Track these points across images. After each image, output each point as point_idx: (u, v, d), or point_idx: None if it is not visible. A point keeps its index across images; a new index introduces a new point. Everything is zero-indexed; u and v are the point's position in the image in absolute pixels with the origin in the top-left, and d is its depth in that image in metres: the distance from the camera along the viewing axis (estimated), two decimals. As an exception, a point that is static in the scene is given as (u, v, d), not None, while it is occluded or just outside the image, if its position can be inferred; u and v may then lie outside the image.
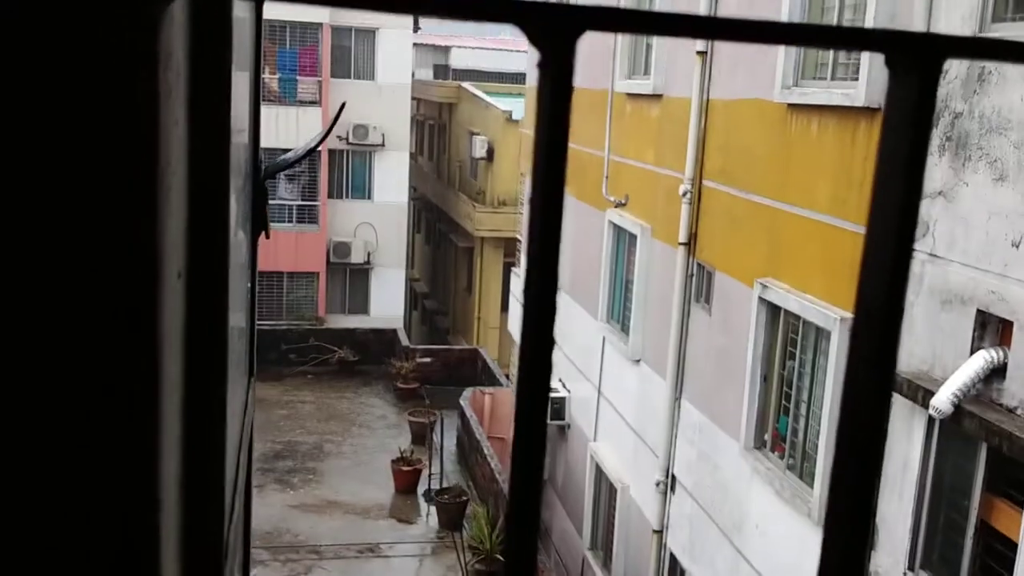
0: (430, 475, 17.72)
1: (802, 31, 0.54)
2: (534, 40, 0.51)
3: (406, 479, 17.93)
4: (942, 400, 6.14)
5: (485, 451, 17.14)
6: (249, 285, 1.72)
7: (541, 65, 0.52)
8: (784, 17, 8.70)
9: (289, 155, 2.75)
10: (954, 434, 6.47)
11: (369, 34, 26.36)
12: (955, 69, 6.57)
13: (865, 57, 7.51)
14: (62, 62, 0.45)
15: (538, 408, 0.53)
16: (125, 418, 0.52)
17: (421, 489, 17.91)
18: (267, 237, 1.83)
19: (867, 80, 7.47)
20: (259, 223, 1.70)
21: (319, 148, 25.15)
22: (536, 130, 0.53)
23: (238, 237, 1.46)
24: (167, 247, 0.56)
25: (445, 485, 17.46)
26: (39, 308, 0.49)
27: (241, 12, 1.38)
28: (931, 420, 6.55)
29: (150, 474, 0.55)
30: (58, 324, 0.50)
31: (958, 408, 6.11)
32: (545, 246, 0.51)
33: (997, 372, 6.07)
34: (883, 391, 0.57)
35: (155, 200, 0.50)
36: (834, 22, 8.23)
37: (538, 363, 0.51)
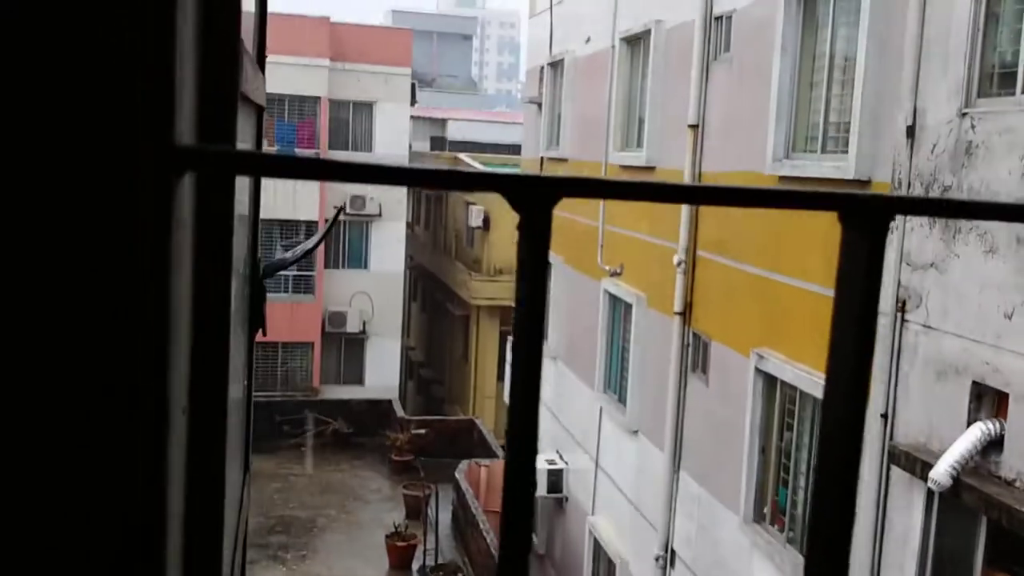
0: (425, 550, 17.47)
1: (761, 193, 0.58)
2: (515, 206, 0.56)
3: (401, 555, 17.67)
4: (940, 473, 6.12)
5: (481, 525, 16.93)
6: (246, 383, 1.75)
7: (520, 227, 0.57)
8: (773, 95, 8.88)
9: (287, 255, 2.81)
10: (953, 507, 6.43)
11: (367, 107, 26.78)
12: (943, 142, 6.70)
13: (855, 129, 7.66)
14: (78, 238, 0.49)
15: (525, 477, 0.56)
16: (128, 554, 0.55)
17: (416, 565, 17.64)
18: (264, 335, 1.87)
19: (857, 153, 7.60)
20: (256, 321, 1.74)
21: (315, 221, 25.34)
22: (516, 282, 0.57)
23: (236, 337, 1.50)
24: (173, 387, 0.60)
25: (440, 561, 17.20)
26: (51, 435, 0.52)
27: (243, 126, 1.44)
28: (930, 493, 6.52)
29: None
30: (69, 465, 0.54)
31: (957, 480, 6.09)
32: (525, 403, 0.55)
33: (994, 444, 6.07)
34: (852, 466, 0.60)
35: (167, 345, 0.54)
36: (822, 99, 8.41)
37: (525, 434, 0.54)
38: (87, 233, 0.50)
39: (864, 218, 0.57)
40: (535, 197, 0.55)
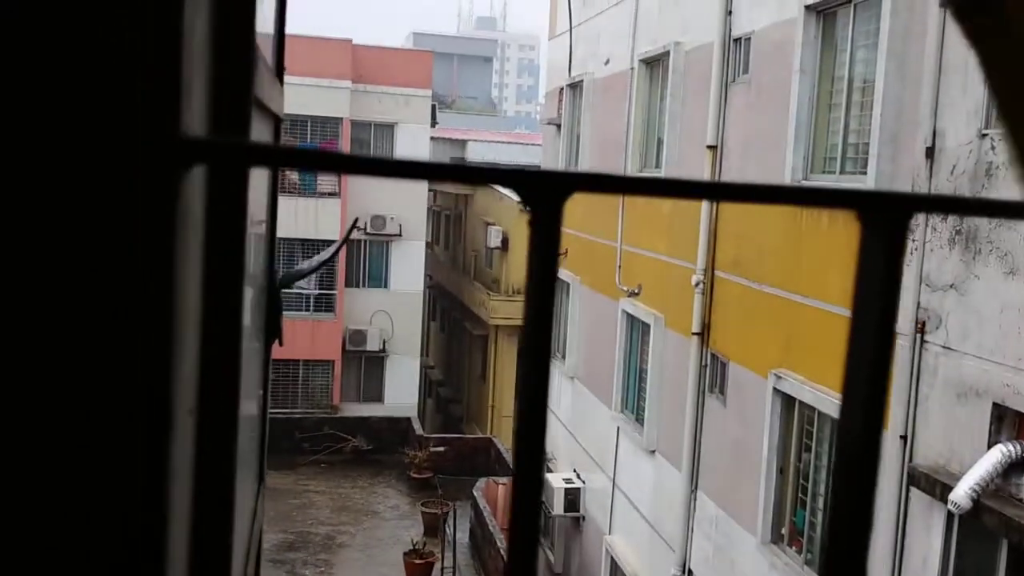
0: (443, 568, 17.40)
1: (778, 191, 0.57)
2: (526, 201, 0.55)
3: (418, 572, 17.60)
4: (960, 495, 6.05)
5: (498, 543, 16.85)
6: (261, 392, 1.75)
7: (531, 223, 0.56)
8: (792, 116, 8.86)
9: (304, 266, 2.82)
10: (974, 530, 6.34)
11: (388, 128, 26.93)
12: (962, 163, 6.66)
13: (874, 151, 7.63)
14: (83, 232, 0.49)
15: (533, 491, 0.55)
16: (128, 554, 0.54)
17: (433, 583, 17.57)
18: (280, 345, 1.87)
19: (876, 174, 7.57)
20: (273, 332, 1.74)
21: (335, 239, 25.45)
22: (527, 279, 0.56)
23: (252, 347, 1.50)
24: (179, 388, 0.59)
25: (458, 578, 17.13)
26: (53, 449, 0.52)
27: (260, 136, 1.44)
28: (950, 515, 6.44)
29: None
30: (72, 462, 0.53)
31: (977, 503, 6.01)
32: (533, 403, 0.54)
33: (1015, 466, 5.99)
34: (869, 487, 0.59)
35: (169, 346, 0.53)
36: (841, 120, 8.39)
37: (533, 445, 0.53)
38: (87, 227, 0.50)
39: (883, 216, 0.56)
40: (547, 192, 0.55)
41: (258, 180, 1.40)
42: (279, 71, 1.90)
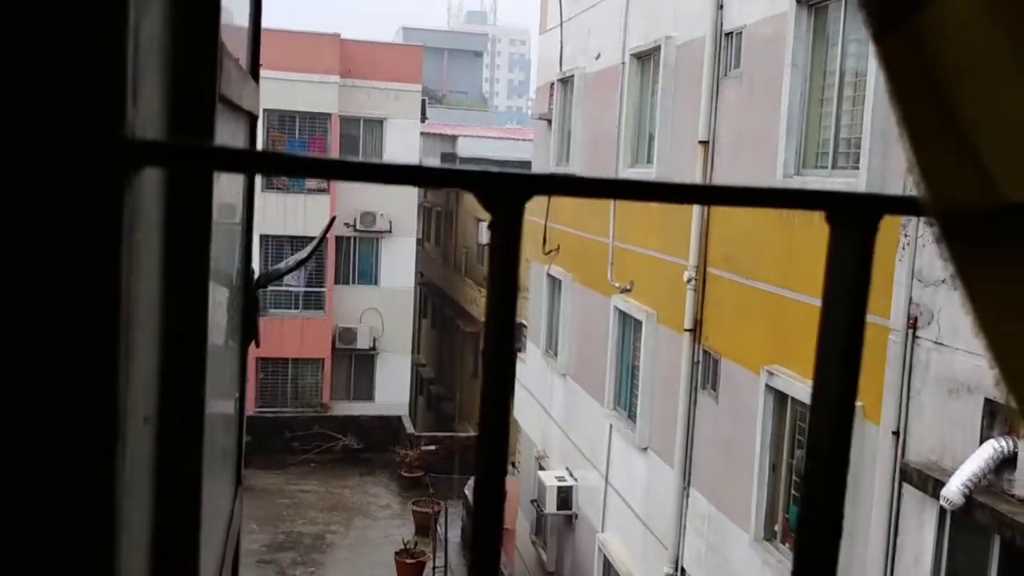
0: (434, 568, 17.39)
1: (747, 193, 0.56)
2: (485, 205, 0.54)
3: (410, 572, 17.59)
4: (953, 491, 6.05)
5: (491, 541, 16.81)
6: (238, 395, 1.73)
7: (491, 225, 0.55)
8: (783, 111, 8.86)
9: (280, 266, 2.80)
10: (966, 526, 6.35)
11: (377, 124, 26.87)
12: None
13: (865, 146, 7.62)
14: (17, 233, 0.47)
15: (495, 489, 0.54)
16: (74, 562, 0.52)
17: (426, 581, 17.56)
18: (257, 346, 1.85)
19: (868, 169, 7.57)
20: (249, 333, 1.72)
21: (324, 240, 25.40)
22: (488, 281, 0.55)
23: (228, 348, 1.48)
24: (131, 396, 0.57)
25: (450, 576, 17.13)
26: None
27: (232, 138, 1.42)
28: (942, 511, 6.44)
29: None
30: (8, 471, 0.51)
31: (969, 499, 6.02)
32: (498, 388, 0.52)
33: (1007, 462, 5.99)
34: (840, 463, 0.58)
35: (115, 354, 0.51)
36: (833, 115, 8.38)
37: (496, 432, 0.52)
38: (22, 229, 0.48)
39: (852, 217, 0.54)
40: (506, 195, 0.53)
41: (231, 179, 1.38)
42: (254, 68, 1.87)
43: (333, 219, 4.76)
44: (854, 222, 0.54)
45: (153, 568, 0.74)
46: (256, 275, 1.86)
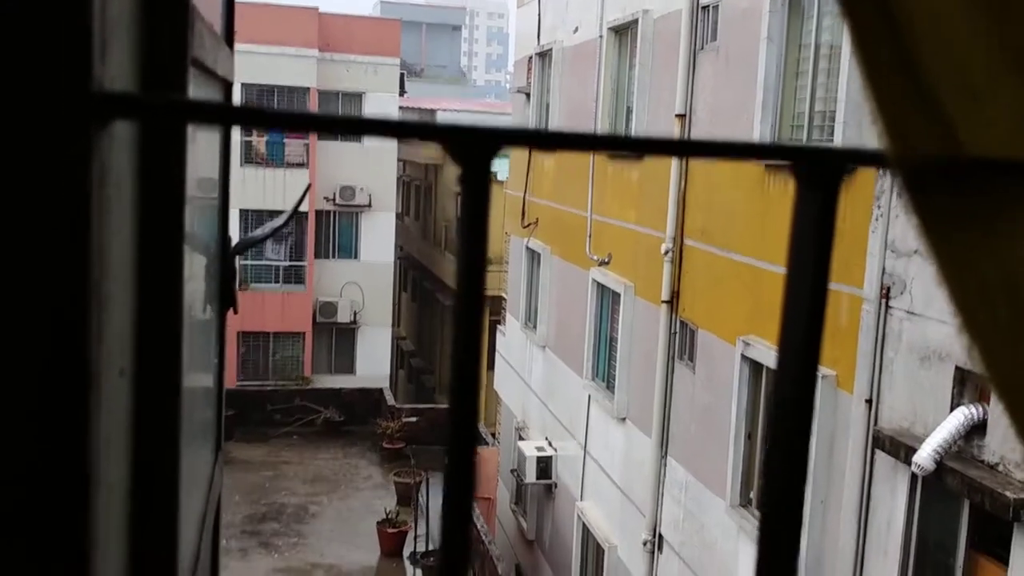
0: (416, 537, 17.51)
1: (712, 146, 0.57)
2: (454, 157, 0.54)
3: (392, 541, 17.70)
4: (924, 457, 6.15)
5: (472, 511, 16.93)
6: (216, 361, 1.73)
7: (461, 179, 0.55)
8: (759, 84, 8.87)
9: (257, 232, 2.79)
10: (937, 491, 6.46)
11: (356, 98, 26.68)
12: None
13: (840, 118, 7.66)
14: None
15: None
16: (56, 520, 0.53)
17: (407, 551, 17.67)
18: (235, 312, 1.85)
19: (842, 140, 7.61)
20: (227, 300, 1.72)
21: (305, 212, 25.26)
22: (458, 236, 0.56)
23: (206, 315, 1.48)
24: (105, 348, 0.58)
25: (431, 547, 17.24)
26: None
27: (209, 94, 1.41)
28: (914, 477, 6.54)
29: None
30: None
31: (940, 465, 6.12)
32: (465, 349, 0.53)
33: (977, 428, 6.09)
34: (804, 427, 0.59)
35: (87, 306, 0.52)
36: (808, 88, 8.41)
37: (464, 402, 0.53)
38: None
39: (817, 171, 0.56)
40: (475, 148, 0.54)
41: (207, 146, 1.37)
42: (228, 36, 1.86)
43: (309, 186, 4.75)
44: (819, 174, 0.55)
45: (132, 522, 0.75)
46: (233, 243, 1.86)
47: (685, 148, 0.57)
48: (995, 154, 0.52)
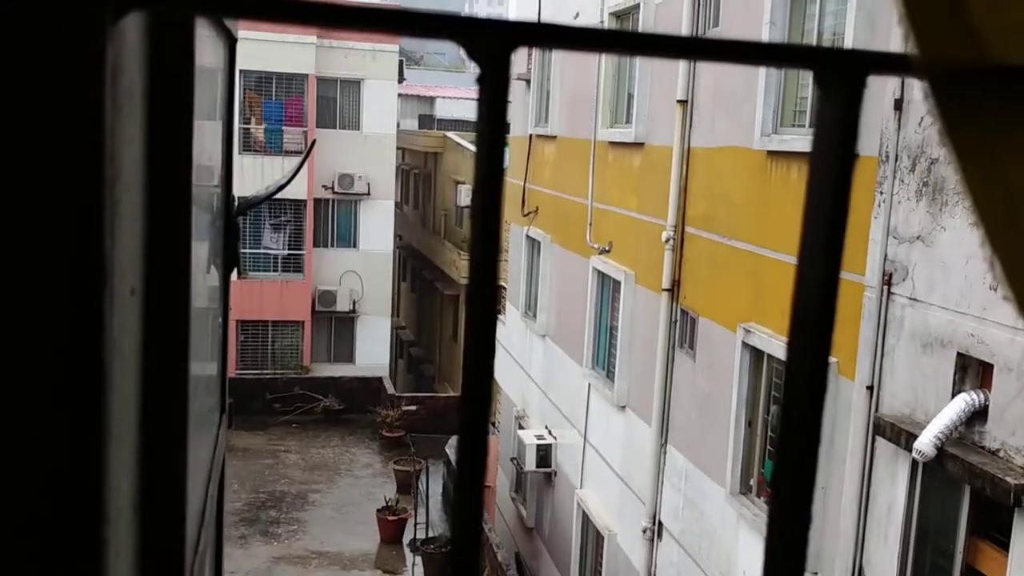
0: (415, 524, 17.54)
1: (728, 47, 0.55)
2: (471, 54, 0.53)
3: (392, 529, 17.73)
4: (925, 443, 6.14)
5: (471, 500, 16.95)
6: (221, 320, 1.72)
7: (479, 79, 0.54)
8: (761, 70, 8.84)
9: (260, 191, 2.78)
10: (938, 477, 6.46)
11: (354, 84, 26.61)
12: (930, 115, 6.68)
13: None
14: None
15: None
16: (68, 446, 0.52)
17: (407, 539, 17.70)
18: (239, 276, 1.84)
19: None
20: (231, 260, 1.71)
21: (304, 200, 25.22)
22: (476, 141, 0.54)
23: (210, 274, 1.47)
24: (117, 263, 0.57)
25: (431, 535, 17.27)
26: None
27: (213, 57, 1.40)
28: (915, 463, 6.55)
29: (95, 511, 0.55)
30: None
31: (941, 451, 6.11)
32: (483, 268, 0.52)
33: (979, 414, 6.09)
34: (817, 402, 0.58)
35: (100, 214, 0.51)
36: (814, 29, 8.38)
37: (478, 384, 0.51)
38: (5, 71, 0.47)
39: (840, 74, 0.54)
40: (493, 43, 0.52)
41: (211, 131, 1.35)
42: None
43: (314, 142, 4.71)
44: (842, 79, 0.54)
45: (143, 442, 0.74)
46: (236, 203, 1.85)
47: (712, 49, 0.56)
48: (1021, 60, 0.52)
